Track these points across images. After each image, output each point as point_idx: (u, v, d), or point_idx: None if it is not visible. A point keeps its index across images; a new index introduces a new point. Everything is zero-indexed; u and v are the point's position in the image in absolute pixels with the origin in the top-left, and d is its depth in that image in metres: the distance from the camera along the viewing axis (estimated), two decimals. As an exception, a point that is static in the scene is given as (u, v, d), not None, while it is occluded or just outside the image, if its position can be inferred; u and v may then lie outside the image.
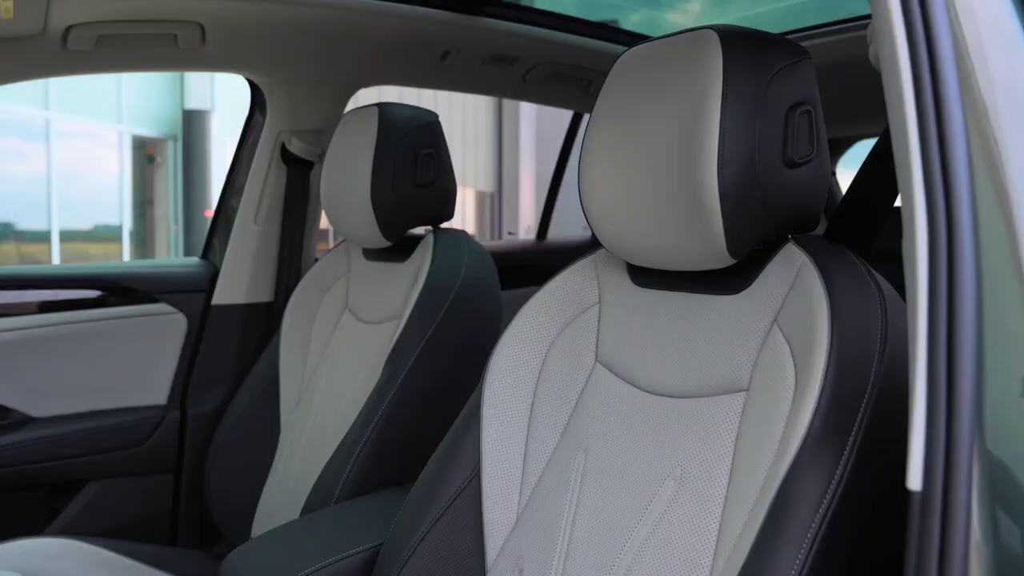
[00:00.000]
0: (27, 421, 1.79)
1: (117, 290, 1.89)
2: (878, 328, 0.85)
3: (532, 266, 2.83)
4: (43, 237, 8.95)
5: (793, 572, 0.76)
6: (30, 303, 1.81)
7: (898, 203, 0.91)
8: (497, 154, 13.81)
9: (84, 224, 9.54)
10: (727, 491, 0.89)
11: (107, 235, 9.76)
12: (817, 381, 0.82)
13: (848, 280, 0.88)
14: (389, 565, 1.08)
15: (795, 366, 0.87)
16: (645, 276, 1.07)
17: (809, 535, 0.77)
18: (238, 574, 1.19)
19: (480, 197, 13.66)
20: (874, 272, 0.91)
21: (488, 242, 2.81)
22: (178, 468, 1.92)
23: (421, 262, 1.56)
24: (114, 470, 1.85)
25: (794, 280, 0.92)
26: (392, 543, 1.10)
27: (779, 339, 0.90)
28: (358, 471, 1.39)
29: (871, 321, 0.85)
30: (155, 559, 1.67)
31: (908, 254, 0.62)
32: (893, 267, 0.96)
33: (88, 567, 1.60)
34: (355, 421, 1.45)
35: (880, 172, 1.04)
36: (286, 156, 2.00)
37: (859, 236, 1.07)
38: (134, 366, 1.90)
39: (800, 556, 0.77)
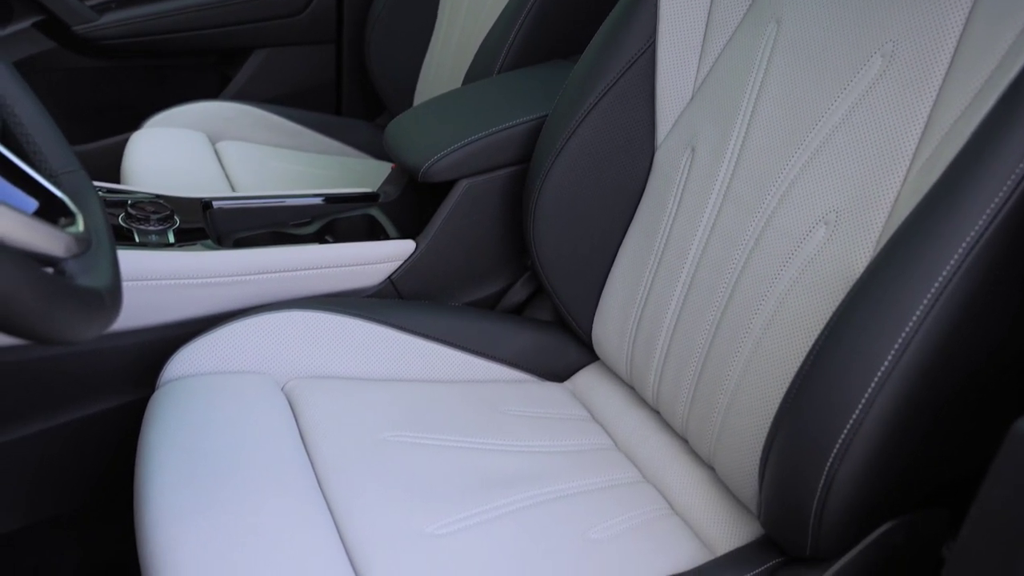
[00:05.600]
0: (188, -14, 1.78)
1: None
2: None
3: None
4: None
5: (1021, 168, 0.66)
6: None
7: None
8: None
9: None
10: (947, 73, 0.77)
11: None
12: None
13: None
14: (554, 136, 1.04)
15: None
16: None
17: None
18: (400, 141, 1.19)
19: None
20: None
21: None
22: (339, 38, 1.91)
23: None
24: (277, 38, 1.85)
25: None
26: (558, 114, 1.05)
27: None
28: (521, 41, 1.32)
29: None
30: (321, 126, 1.73)
31: None
32: None
33: (260, 129, 1.68)
34: (518, -13, 1.35)
35: None
36: None
37: None
38: None
39: None
